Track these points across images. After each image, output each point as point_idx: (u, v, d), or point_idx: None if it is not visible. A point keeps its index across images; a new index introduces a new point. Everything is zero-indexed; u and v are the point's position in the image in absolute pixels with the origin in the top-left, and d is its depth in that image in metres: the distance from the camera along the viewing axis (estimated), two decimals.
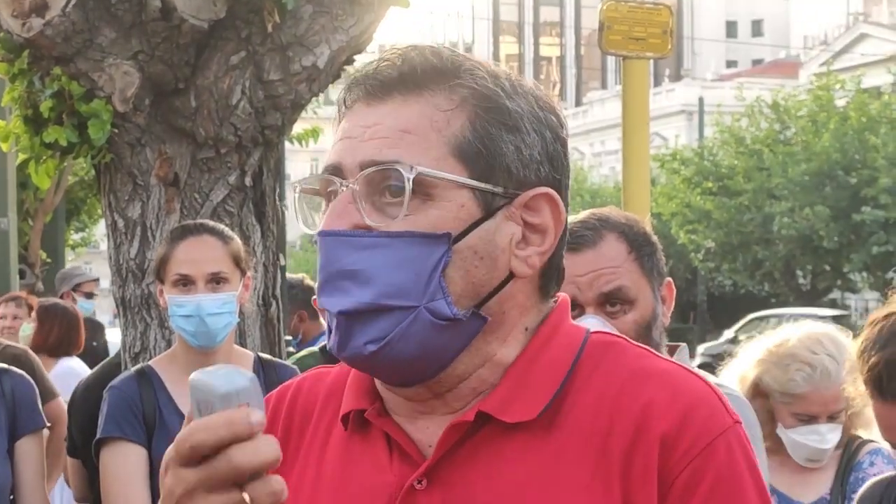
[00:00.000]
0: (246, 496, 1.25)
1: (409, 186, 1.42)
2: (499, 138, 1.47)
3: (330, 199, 1.49)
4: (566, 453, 1.46)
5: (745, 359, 3.82)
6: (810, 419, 3.66)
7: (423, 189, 1.43)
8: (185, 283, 3.54)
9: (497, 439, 1.48)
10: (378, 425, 1.53)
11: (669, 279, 2.92)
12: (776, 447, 3.73)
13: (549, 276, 1.54)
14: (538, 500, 1.45)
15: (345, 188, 1.45)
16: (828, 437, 3.67)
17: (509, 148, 1.48)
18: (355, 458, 1.54)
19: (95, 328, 9.28)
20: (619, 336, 1.58)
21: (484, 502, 1.46)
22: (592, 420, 1.47)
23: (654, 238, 2.89)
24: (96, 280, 10.46)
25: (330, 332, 1.48)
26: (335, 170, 1.48)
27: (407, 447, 1.50)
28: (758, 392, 3.72)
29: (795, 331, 3.77)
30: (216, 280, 3.55)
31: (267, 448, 1.25)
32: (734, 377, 3.79)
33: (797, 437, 3.68)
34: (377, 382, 1.55)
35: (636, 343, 1.57)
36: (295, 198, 1.54)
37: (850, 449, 3.73)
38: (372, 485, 1.51)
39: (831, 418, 3.67)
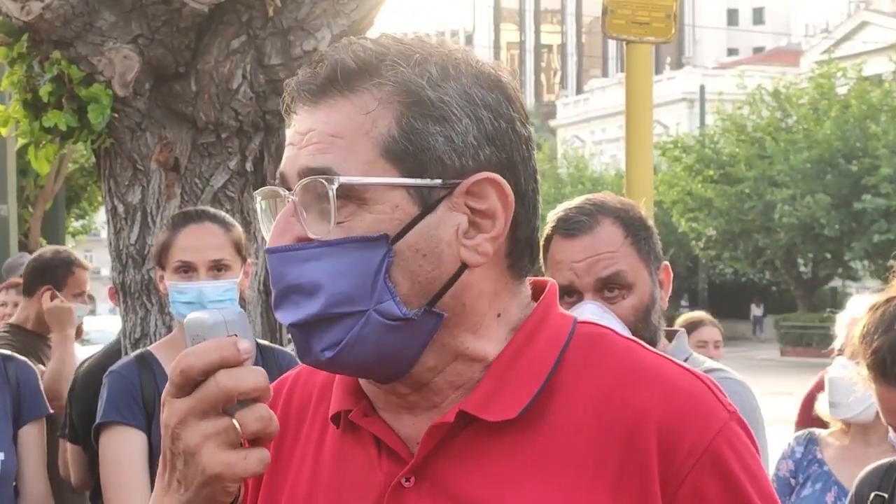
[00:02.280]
0: (235, 422, 1.31)
1: (332, 196, 1.40)
2: (425, 132, 1.43)
3: (279, 209, 1.49)
4: (554, 452, 1.44)
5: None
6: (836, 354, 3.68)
7: (356, 195, 1.41)
8: (187, 269, 3.54)
9: (483, 437, 1.46)
10: (364, 426, 1.52)
11: (667, 263, 2.92)
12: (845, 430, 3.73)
13: (519, 255, 1.51)
14: (525, 498, 1.43)
15: (288, 200, 1.46)
16: (839, 369, 3.66)
17: (437, 140, 1.44)
18: (348, 456, 1.53)
19: None
20: (605, 327, 1.55)
21: (472, 498, 1.45)
22: (583, 419, 1.45)
23: (650, 222, 2.89)
24: None
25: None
26: (282, 179, 1.48)
27: (394, 445, 1.49)
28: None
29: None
30: (217, 267, 3.56)
31: (253, 374, 1.33)
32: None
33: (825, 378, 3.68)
34: (362, 380, 1.54)
35: (623, 335, 1.55)
36: (259, 210, 1.54)
37: None
38: (362, 482, 1.50)
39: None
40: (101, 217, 22.81)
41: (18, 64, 4.57)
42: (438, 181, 1.43)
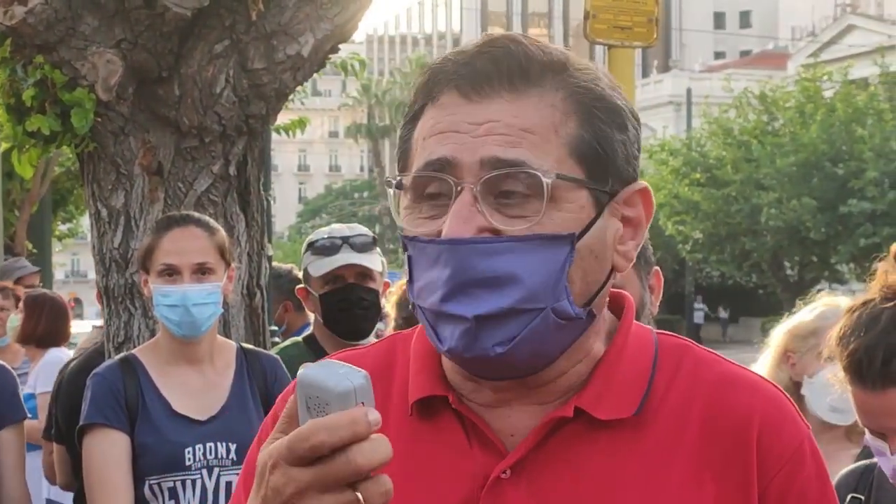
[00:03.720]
0: (359, 495, 1.22)
1: (547, 191, 1.40)
2: (611, 137, 1.46)
3: (425, 196, 1.45)
4: (656, 454, 1.48)
5: (774, 337, 3.83)
6: None
7: (550, 192, 1.41)
8: (171, 273, 3.56)
9: (585, 435, 1.48)
10: (460, 411, 1.51)
11: (657, 268, 2.92)
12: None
13: None
14: (628, 499, 1.46)
15: (460, 188, 1.40)
16: None
17: (620, 146, 1.47)
18: (427, 445, 1.52)
19: None
20: (684, 339, 1.61)
21: (570, 497, 1.46)
22: (682, 423, 1.50)
23: None
24: (38, 272, 10.49)
25: (433, 329, 1.45)
26: (446, 166, 1.42)
27: (490, 436, 1.50)
28: (786, 358, 3.74)
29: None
30: (202, 271, 3.57)
31: (384, 448, 1.23)
32: (767, 355, 3.83)
33: (823, 379, 3.67)
34: (450, 370, 1.53)
35: (700, 345, 1.61)
36: (391, 194, 1.49)
37: (868, 448, 3.71)
38: (453, 471, 1.49)
39: None
40: (87, 220, 22.73)
41: (1, 68, 4.57)
42: (608, 187, 1.46)
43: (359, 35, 5.37)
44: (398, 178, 1.48)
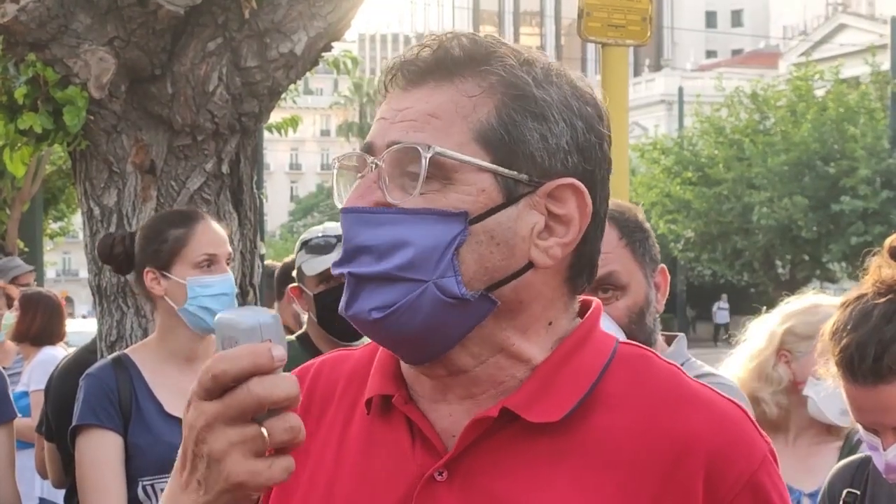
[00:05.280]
0: (264, 430, 1.28)
1: (424, 164, 1.44)
2: (523, 125, 1.47)
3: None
4: (594, 462, 1.47)
5: (767, 323, 3.83)
6: None
7: (444, 172, 1.45)
8: (210, 263, 3.55)
9: (522, 438, 1.48)
10: (403, 411, 1.53)
11: (663, 266, 2.93)
12: (784, 424, 3.74)
13: (579, 269, 1.54)
14: (559, 503, 1.45)
15: (374, 165, 1.48)
16: None
17: (534, 136, 1.47)
18: (377, 443, 1.54)
19: None
20: (647, 349, 1.59)
21: (504, 500, 1.46)
22: (626, 435, 1.48)
23: (647, 225, 2.89)
24: (32, 271, 10.51)
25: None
26: (368, 148, 1.51)
27: (430, 435, 1.51)
28: (780, 355, 3.73)
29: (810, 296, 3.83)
30: (228, 260, 3.61)
31: (286, 383, 1.28)
32: (754, 344, 3.82)
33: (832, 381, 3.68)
34: (403, 368, 1.56)
35: (663, 357, 1.59)
36: (334, 173, 1.57)
37: (850, 441, 3.71)
38: (393, 471, 1.51)
39: None
40: (79, 219, 22.72)
41: None
42: (525, 176, 1.47)
43: (351, 34, 5.39)
44: (337, 159, 1.56)
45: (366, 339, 1.61)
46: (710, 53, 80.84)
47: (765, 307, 4.01)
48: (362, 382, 1.60)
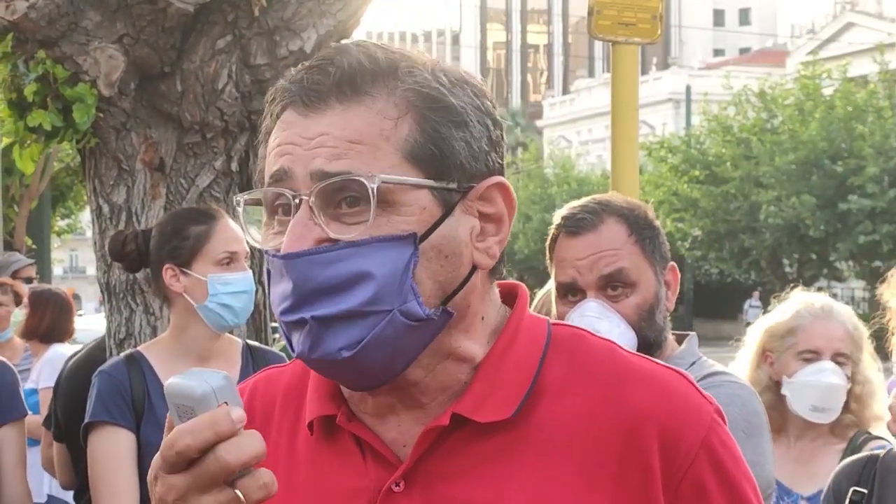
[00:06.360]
0: (238, 492, 1.29)
1: (373, 193, 1.40)
2: (449, 136, 1.46)
3: (276, 211, 1.47)
4: (548, 451, 1.47)
5: (751, 336, 3.88)
6: (814, 355, 3.69)
7: (382, 196, 1.41)
8: (230, 261, 3.54)
9: (474, 439, 1.48)
10: (348, 429, 1.51)
11: (673, 263, 2.92)
12: (783, 426, 3.75)
13: (501, 258, 1.54)
14: (522, 498, 1.45)
15: (298, 201, 1.42)
16: (832, 376, 3.68)
17: (461, 144, 1.46)
18: (326, 463, 1.53)
19: None
20: (579, 328, 1.58)
21: (465, 501, 1.46)
22: (576, 418, 1.48)
23: (657, 223, 2.89)
24: (32, 264, 10.51)
25: (288, 339, 1.46)
26: (283, 177, 1.44)
27: (380, 449, 1.50)
28: (764, 356, 3.76)
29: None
30: (246, 258, 3.60)
31: (252, 442, 1.29)
32: (746, 354, 3.86)
33: (803, 379, 3.69)
34: (341, 386, 1.54)
35: (598, 335, 1.58)
36: (241, 212, 1.50)
37: (854, 443, 3.71)
38: (348, 489, 1.50)
39: (836, 361, 3.69)
40: (86, 216, 22.76)
41: (3, 63, 4.55)
42: (455, 184, 1.46)
43: (359, 31, 5.39)
44: (243, 197, 1.50)
45: None
46: (718, 52, 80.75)
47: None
48: (300, 401, 1.58)
